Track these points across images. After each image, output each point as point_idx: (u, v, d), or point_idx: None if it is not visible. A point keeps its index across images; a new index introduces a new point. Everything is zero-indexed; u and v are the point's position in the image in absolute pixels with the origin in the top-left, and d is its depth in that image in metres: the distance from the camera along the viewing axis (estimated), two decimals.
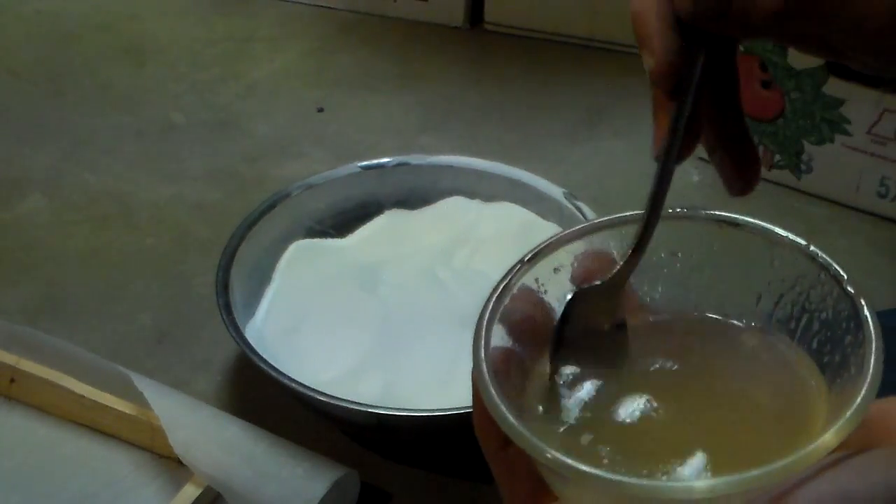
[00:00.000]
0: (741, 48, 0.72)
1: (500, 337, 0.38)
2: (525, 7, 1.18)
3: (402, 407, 0.68)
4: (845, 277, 0.36)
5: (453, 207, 0.85)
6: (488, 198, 0.85)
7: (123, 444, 0.73)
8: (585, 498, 0.35)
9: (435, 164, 0.86)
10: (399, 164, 0.86)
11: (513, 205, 0.84)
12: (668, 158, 0.41)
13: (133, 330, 0.83)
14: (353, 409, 0.67)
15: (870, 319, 0.34)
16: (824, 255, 0.37)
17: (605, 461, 0.35)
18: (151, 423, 0.70)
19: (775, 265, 0.39)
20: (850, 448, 0.32)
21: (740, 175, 0.46)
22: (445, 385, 0.72)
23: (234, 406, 0.76)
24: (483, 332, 0.38)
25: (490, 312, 0.38)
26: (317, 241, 0.83)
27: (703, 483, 0.31)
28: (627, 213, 0.41)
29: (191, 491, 0.67)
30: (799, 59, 0.89)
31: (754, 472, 0.31)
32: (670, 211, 0.40)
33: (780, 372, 0.38)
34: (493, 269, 0.81)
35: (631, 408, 0.37)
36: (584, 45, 1.17)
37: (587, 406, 0.37)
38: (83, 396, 0.72)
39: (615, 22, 1.15)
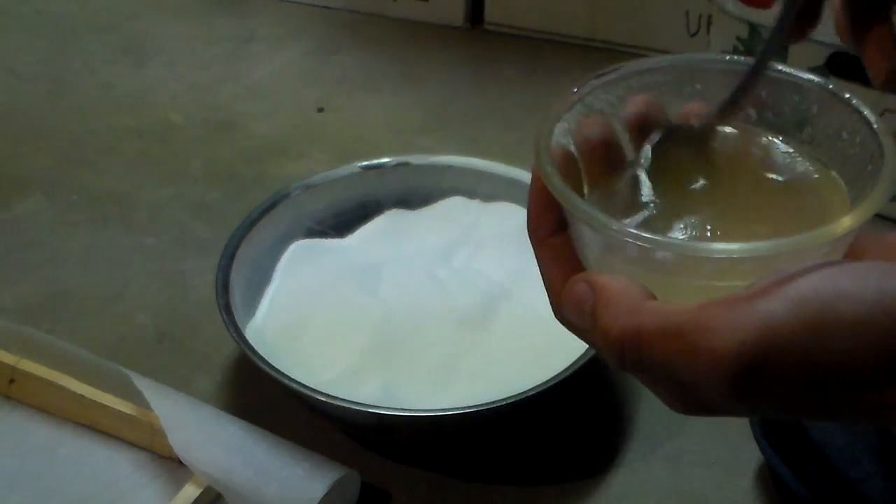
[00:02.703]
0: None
1: (562, 137, 0.42)
2: (525, 7, 1.18)
3: (402, 407, 0.68)
4: (874, 119, 0.41)
5: (453, 207, 0.85)
6: (488, 198, 0.85)
7: (123, 444, 0.73)
8: (623, 270, 0.38)
9: (435, 164, 0.86)
10: (399, 164, 0.86)
11: (513, 205, 0.84)
12: (778, 30, 0.44)
13: (133, 330, 0.83)
14: (353, 409, 0.67)
15: (891, 147, 0.39)
16: (859, 101, 0.42)
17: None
18: (151, 423, 0.70)
19: (814, 111, 0.43)
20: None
21: (886, 68, 0.48)
22: (445, 385, 0.72)
23: (234, 406, 0.76)
24: (549, 124, 0.42)
25: (559, 108, 0.43)
26: (317, 241, 0.83)
27: (731, 246, 0.36)
28: (701, 56, 0.45)
29: (191, 491, 0.67)
30: (799, 60, 0.89)
31: (771, 242, 0.36)
32: (728, 58, 0.45)
33: (811, 190, 0.42)
34: (493, 269, 0.82)
35: (675, 207, 0.41)
36: (584, 45, 1.17)
37: (635, 203, 0.42)
38: (83, 396, 0.72)
39: (615, 22, 1.15)
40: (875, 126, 0.40)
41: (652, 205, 0.41)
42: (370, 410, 0.67)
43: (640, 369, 0.36)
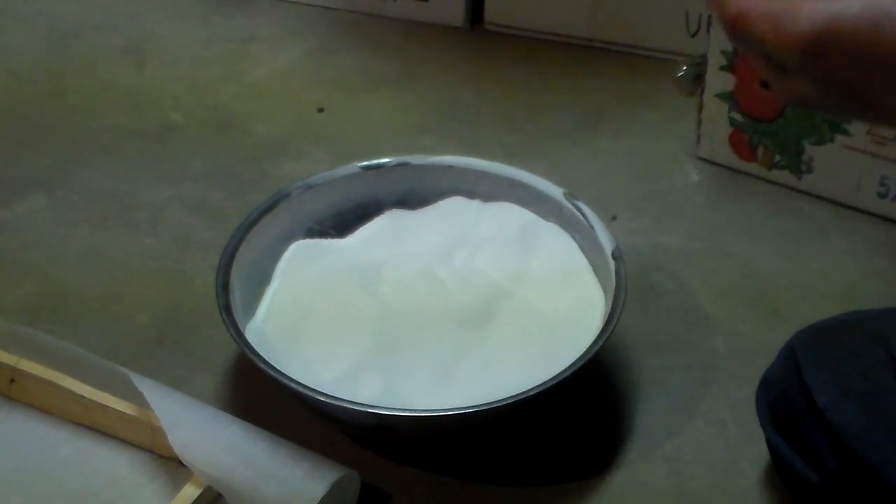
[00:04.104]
0: (740, 50, 0.74)
1: None
2: (525, 7, 1.18)
3: (401, 407, 0.68)
4: None
5: (453, 207, 0.85)
6: (488, 198, 0.85)
7: (123, 444, 0.73)
8: None
9: (435, 164, 0.86)
10: (399, 164, 0.86)
11: (513, 205, 0.84)
12: None
13: (133, 330, 0.83)
14: (352, 409, 0.67)
15: None
16: None
17: None
18: (151, 423, 0.70)
19: None
20: None
21: None
22: (445, 385, 0.72)
23: (234, 406, 0.77)
24: None
25: None
26: (317, 241, 0.83)
27: None
28: None
29: (191, 491, 0.67)
30: None
31: None
32: None
33: None
34: (493, 269, 0.82)
35: None
36: (584, 45, 1.17)
37: None
38: (83, 396, 0.72)
39: (616, 22, 1.15)
40: None
41: None
42: (370, 410, 0.67)
43: (743, 43, 0.47)
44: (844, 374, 0.63)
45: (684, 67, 0.98)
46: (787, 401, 0.66)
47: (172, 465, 0.70)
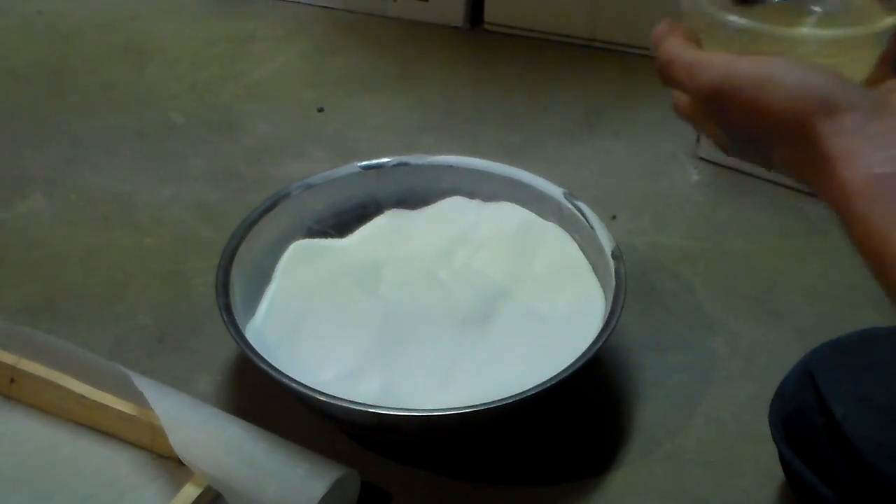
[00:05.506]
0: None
1: None
2: (525, 7, 1.18)
3: (401, 407, 0.68)
4: None
5: (453, 207, 0.85)
6: (488, 198, 0.85)
7: (123, 444, 0.73)
8: (707, 32, 0.52)
9: (435, 164, 0.86)
10: (399, 164, 0.86)
11: (513, 205, 0.84)
12: None
13: (133, 330, 0.83)
14: (353, 408, 0.67)
15: None
16: None
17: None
18: (151, 423, 0.70)
19: None
20: None
21: None
22: (445, 385, 0.72)
23: (234, 406, 0.77)
24: None
25: None
26: (317, 241, 0.83)
27: (816, 31, 0.50)
28: None
29: (191, 491, 0.67)
30: None
31: (841, 31, 0.49)
32: None
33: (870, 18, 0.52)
34: (493, 269, 0.82)
35: (780, 18, 0.51)
36: (585, 45, 1.17)
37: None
38: (83, 396, 0.72)
39: (616, 22, 1.15)
40: None
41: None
42: (370, 410, 0.67)
43: (669, 85, 0.52)
44: (865, 386, 0.62)
45: None
46: (802, 418, 0.65)
47: (172, 465, 0.70)
